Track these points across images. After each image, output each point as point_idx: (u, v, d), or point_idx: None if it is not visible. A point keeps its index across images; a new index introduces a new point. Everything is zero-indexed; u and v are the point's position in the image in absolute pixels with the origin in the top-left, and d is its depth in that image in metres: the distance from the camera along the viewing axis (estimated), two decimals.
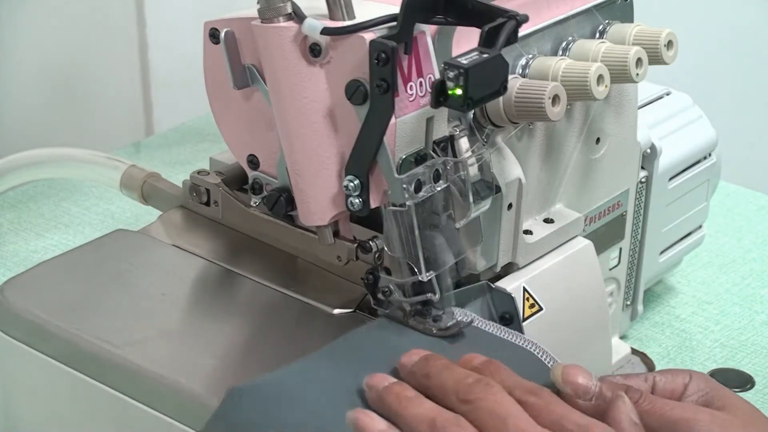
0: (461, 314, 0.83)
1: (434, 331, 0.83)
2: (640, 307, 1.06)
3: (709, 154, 1.10)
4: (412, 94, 0.79)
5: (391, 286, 0.83)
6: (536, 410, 0.71)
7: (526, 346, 0.81)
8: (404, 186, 0.79)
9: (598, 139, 0.95)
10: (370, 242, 0.83)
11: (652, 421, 0.77)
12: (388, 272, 0.84)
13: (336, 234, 0.84)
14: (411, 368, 0.75)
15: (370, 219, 0.83)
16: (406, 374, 0.75)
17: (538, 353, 0.81)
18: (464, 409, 0.72)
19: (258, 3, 0.80)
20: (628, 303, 1.05)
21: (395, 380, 0.74)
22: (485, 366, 0.76)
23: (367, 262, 0.84)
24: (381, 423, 0.72)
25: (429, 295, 0.82)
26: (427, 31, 0.80)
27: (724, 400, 0.80)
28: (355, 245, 0.84)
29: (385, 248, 0.82)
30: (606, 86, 0.85)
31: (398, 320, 0.83)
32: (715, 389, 0.81)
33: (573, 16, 0.91)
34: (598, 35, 0.93)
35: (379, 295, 0.84)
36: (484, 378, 0.73)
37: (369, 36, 0.78)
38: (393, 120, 0.78)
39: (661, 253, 1.08)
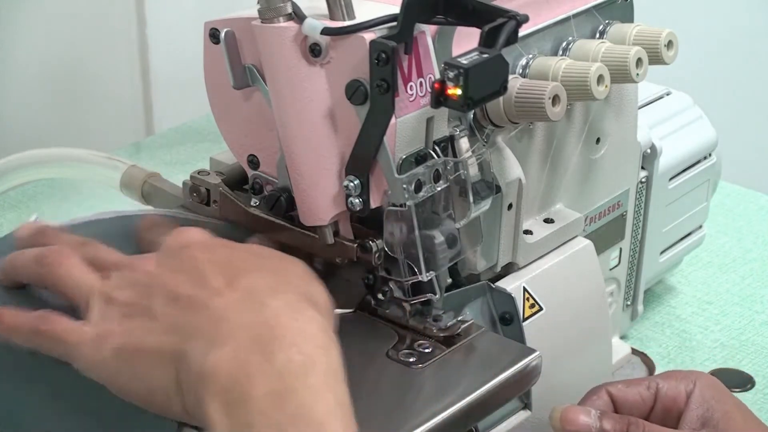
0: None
1: (434, 331, 0.83)
2: (640, 307, 1.06)
3: (710, 154, 1.10)
4: (412, 94, 0.79)
5: (392, 286, 0.83)
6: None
7: None
8: (404, 186, 0.79)
9: (598, 139, 0.95)
10: (370, 242, 0.83)
11: None
12: (388, 272, 0.84)
13: (336, 234, 0.84)
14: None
15: (370, 219, 0.83)
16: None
17: None
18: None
19: (258, 3, 0.80)
20: (629, 303, 1.05)
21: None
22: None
23: (368, 261, 0.84)
24: None
25: (429, 295, 0.82)
26: (427, 31, 0.80)
27: (723, 414, 0.81)
28: (355, 245, 0.84)
29: (385, 248, 0.82)
30: (606, 86, 0.85)
31: (397, 321, 0.84)
32: (716, 398, 0.82)
33: (573, 16, 0.91)
34: (598, 35, 0.93)
35: (379, 295, 0.84)
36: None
37: (369, 36, 0.78)
38: (393, 120, 0.78)
39: (662, 253, 1.08)
